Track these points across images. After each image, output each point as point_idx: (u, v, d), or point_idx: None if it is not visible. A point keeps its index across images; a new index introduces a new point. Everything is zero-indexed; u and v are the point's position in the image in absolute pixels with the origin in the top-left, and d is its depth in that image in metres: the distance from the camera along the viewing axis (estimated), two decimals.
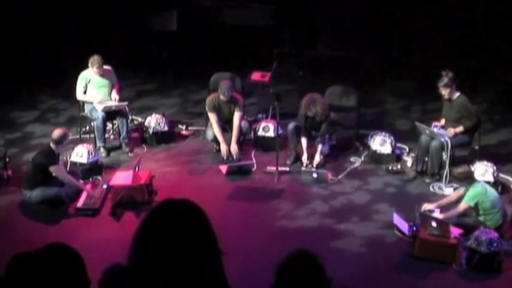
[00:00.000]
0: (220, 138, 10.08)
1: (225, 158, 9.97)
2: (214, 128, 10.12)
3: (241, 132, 10.20)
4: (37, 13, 13.43)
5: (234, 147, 10.05)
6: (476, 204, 7.92)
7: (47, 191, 8.65)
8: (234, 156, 9.99)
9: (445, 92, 9.38)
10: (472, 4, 13.32)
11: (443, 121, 9.67)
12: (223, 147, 10.05)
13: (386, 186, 9.43)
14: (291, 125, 10.01)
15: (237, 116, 10.14)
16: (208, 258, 2.46)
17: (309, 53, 14.20)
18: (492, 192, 8.06)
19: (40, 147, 9.27)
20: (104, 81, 10.33)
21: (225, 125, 10.25)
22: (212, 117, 10.17)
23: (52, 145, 8.72)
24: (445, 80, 9.31)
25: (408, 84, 12.94)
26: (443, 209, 8.21)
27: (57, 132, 8.81)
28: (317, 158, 9.86)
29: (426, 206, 8.19)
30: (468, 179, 8.06)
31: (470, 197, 7.95)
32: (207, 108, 10.29)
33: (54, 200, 8.68)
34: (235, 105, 10.17)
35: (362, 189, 9.37)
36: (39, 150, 9.08)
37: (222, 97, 10.03)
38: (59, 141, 8.72)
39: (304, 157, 9.90)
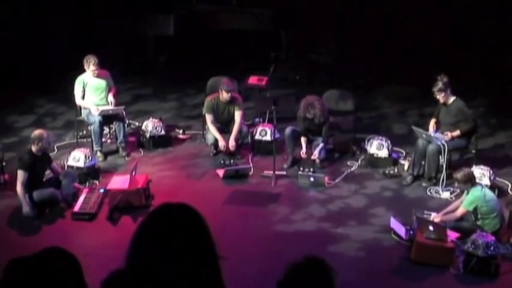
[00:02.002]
0: (217, 135, 10.11)
1: (221, 162, 9.97)
2: (210, 128, 10.15)
3: (241, 131, 10.21)
4: (34, 17, 13.42)
5: (232, 144, 10.07)
6: (475, 209, 7.92)
7: (42, 192, 8.62)
8: (231, 161, 10.01)
9: (439, 96, 9.40)
10: (470, 8, 13.35)
11: (433, 121, 9.68)
12: (221, 143, 10.07)
13: (383, 190, 9.43)
14: (288, 130, 10.02)
15: (238, 114, 10.19)
16: (206, 262, 2.46)
17: (306, 57, 14.22)
18: (491, 196, 8.05)
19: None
20: (101, 84, 10.33)
21: (224, 127, 10.26)
22: (208, 118, 10.21)
23: (32, 146, 8.73)
24: (439, 84, 9.34)
25: (405, 88, 12.96)
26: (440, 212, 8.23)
27: (34, 132, 8.83)
28: (316, 153, 9.86)
29: (434, 218, 8.13)
30: (470, 181, 8.05)
31: (468, 201, 7.94)
32: (204, 109, 10.31)
33: (49, 202, 8.66)
34: (235, 105, 10.21)
35: (359, 193, 9.37)
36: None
37: (224, 94, 10.06)
38: (33, 141, 8.68)
39: (303, 151, 9.92)
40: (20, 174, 8.54)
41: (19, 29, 13.25)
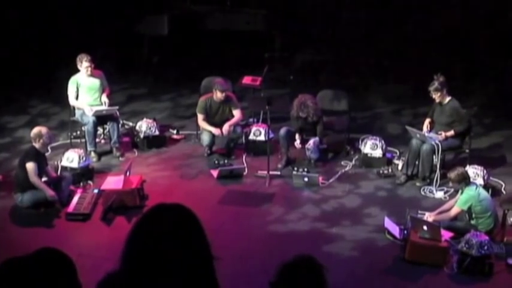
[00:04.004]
0: (210, 128, 10.14)
1: (215, 162, 9.97)
2: (202, 125, 10.22)
3: (235, 131, 10.20)
4: (27, 17, 13.40)
5: (226, 128, 10.09)
6: (469, 208, 7.93)
7: (38, 194, 8.60)
8: (225, 161, 10.01)
9: (435, 96, 9.41)
10: (464, 9, 13.39)
11: (427, 121, 9.70)
12: (215, 131, 10.10)
13: (378, 190, 9.44)
14: (282, 130, 10.01)
15: (236, 112, 10.24)
16: (200, 263, 2.46)
17: (299, 57, 14.22)
18: (485, 195, 8.06)
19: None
20: (94, 84, 10.31)
21: (218, 127, 10.25)
22: (199, 117, 10.24)
23: (34, 144, 8.74)
24: (436, 84, 9.35)
25: (399, 88, 12.99)
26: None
27: (33, 130, 8.84)
28: (310, 142, 9.85)
29: (428, 217, 8.14)
30: (464, 180, 8.07)
31: (463, 201, 7.96)
32: (197, 109, 10.30)
33: (46, 203, 8.64)
34: (231, 105, 10.24)
35: (353, 192, 9.38)
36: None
37: (219, 93, 10.07)
38: (34, 138, 8.70)
39: (297, 142, 9.91)
40: (30, 166, 8.55)
41: (11, 29, 13.23)
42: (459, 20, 13.43)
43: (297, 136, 10.03)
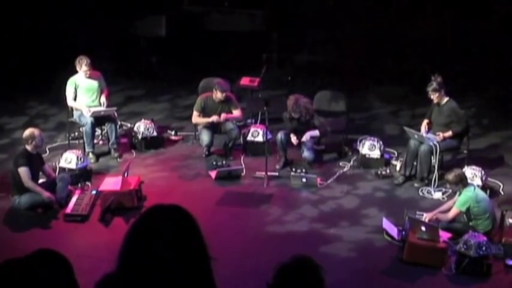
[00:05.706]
0: (206, 120, 10.17)
1: (213, 163, 9.97)
2: (197, 121, 10.29)
3: (232, 132, 10.20)
4: (24, 18, 13.39)
5: (223, 116, 10.15)
6: (468, 209, 7.93)
7: (36, 196, 8.59)
8: (223, 162, 10.01)
9: (433, 97, 9.41)
10: (462, 9, 13.40)
11: (425, 122, 9.70)
12: (213, 119, 10.12)
13: (376, 191, 9.44)
14: (279, 134, 9.97)
15: (236, 112, 10.28)
16: (198, 264, 2.46)
17: (298, 58, 14.23)
18: (483, 197, 8.06)
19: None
20: (92, 85, 10.31)
21: (216, 127, 10.25)
22: (195, 114, 10.27)
23: (26, 146, 8.71)
24: (434, 84, 9.35)
25: (397, 89, 12.99)
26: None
27: (25, 132, 8.80)
28: (307, 136, 9.84)
29: (427, 217, 8.14)
30: (462, 182, 8.07)
31: (461, 202, 7.96)
32: (194, 106, 10.31)
33: (43, 205, 8.64)
34: (231, 105, 10.25)
35: (351, 193, 9.38)
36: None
37: (219, 94, 10.08)
38: (26, 140, 8.67)
39: (294, 138, 9.88)
40: (23, 171, 8.54)
41: (8, 30, 13.22)
42: (457, 20, 13.44)
43: (291, 135, 10.00)
